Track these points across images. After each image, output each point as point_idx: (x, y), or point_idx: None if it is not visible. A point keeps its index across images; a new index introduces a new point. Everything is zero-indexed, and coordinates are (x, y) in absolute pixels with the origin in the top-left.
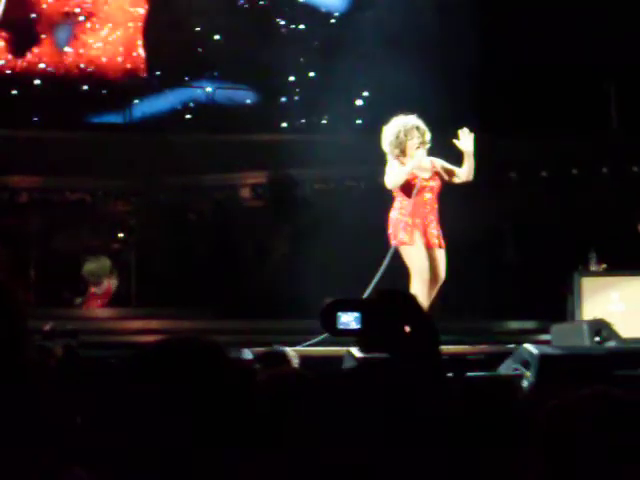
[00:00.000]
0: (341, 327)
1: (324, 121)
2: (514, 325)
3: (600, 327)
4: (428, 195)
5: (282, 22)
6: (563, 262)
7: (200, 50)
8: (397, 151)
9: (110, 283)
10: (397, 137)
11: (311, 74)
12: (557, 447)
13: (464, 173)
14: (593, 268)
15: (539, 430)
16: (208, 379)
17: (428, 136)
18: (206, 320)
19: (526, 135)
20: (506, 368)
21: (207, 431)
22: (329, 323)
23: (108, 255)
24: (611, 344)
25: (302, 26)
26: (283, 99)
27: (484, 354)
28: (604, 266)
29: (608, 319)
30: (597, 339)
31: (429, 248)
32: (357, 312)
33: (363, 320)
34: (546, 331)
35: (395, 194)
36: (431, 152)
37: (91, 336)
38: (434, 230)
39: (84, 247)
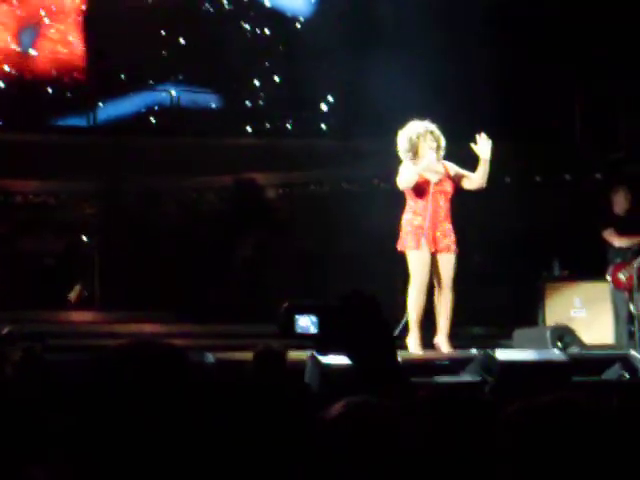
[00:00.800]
0: (299, 331)
1: (289, 125)
2: (477, 330)
3: (563, 333)
4: (441, 200)
5: (247, 26)
6: (527, 268)
7: (165, 53)
8: (410, 154)
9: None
10: (410, 140)
11: (276, 78)
12: (516, 453)
13: (477, 179)
14: (556, 274)
15: (499, 435)
16: (166, 382)
17: (443, 142)
18: (170, 324)
19: (492, 143)
20: (469, 373)
21: (165, 433)
22: (287, 327)
23: (71, 257)
24: (573, 350)
25: (267, 30)
26: (248, 103)
27: (448, 359)
28: (567, 272)
29: (571, 325)
30: (559, 345)
31: (437, 253)
32: (314, 316)
33: (321, 323)
34: (509, 336)
35: (407, 197)
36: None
37: (57, 339)
38: (447, 235)
39: (48, 251)
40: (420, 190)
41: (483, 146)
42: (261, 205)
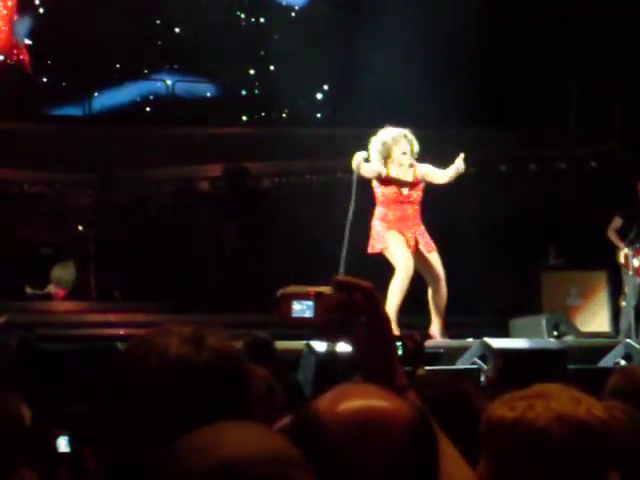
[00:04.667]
0: (295, 316)
1: (284, 114)
2: (473, 319)
3: (558, 321)
4: (409, 209)
5: (242, 15)
6: (522, 257)
7: (160, 43)
8: (381, 157)
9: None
10: (384, 143)
11: (271, 67)
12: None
13: (445, 179)
14: (552, 262)
15: (486, 428)
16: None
17: (416, 147)
18: (165, 313)
19: (484, 130)
20: (465, 362)
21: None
22: (283, 312)
23: (66, 247)
24: (569, 338)
25: (262, 19)
26: (243, 92)
27: (443, 348)
28: (562, 260)
29: (567, 313)
30: (555, 333)
31: (418, 255)
32: (311, 301)
33: (316, 309)
34: (505, 325)
35: (377, 203)
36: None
37: (50, 329)
38: (420, 238)
39: (44, 240)
40: (390, 199)
41: (459, 164)
42: (255, 195)
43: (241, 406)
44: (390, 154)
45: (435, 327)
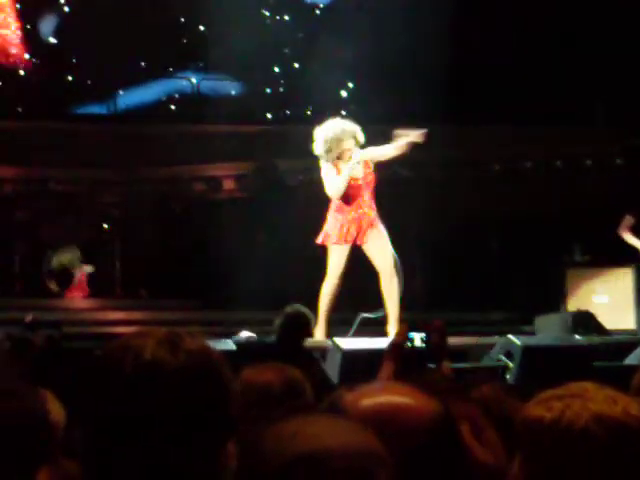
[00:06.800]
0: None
1: (309, 112)
2: (498, 316)
3: (584, 318)
4: (366, 194)
5: (267, 13)
6: (548, 253)
7: (185, 41)
8: (333, 156)
9: (82, 272)
10: (332, 141)
11: (296, 65)
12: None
13: (390, 153)
14: (578, 259)
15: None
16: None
17: (361, 137)
18: (191, 311)
19: (510, 127)
20: (490, 359)
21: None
22: None
23: (92, 245)
24: (595, 335)
25: (287, 18)
26: (268, 90)
27: (468, 345)
28: (588, 257)
29: (592, 310)
30: (581, 330)
31: (366, 243)
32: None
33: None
34: (530, 322)
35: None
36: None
37: (75, 327)
38: (374, 224)
39: (63, 238)
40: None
41: (415, 136)
42: (281, 193)
43: (220, 408)
44: (341, 154)
45: (391, 325)
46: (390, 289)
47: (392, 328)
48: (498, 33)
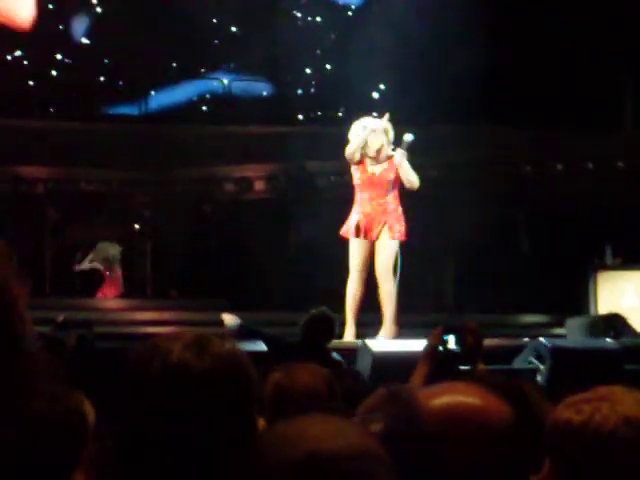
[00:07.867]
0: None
1: (340, 113)
2: (529, 318)
3: (615, 321)
4: (383, 191)
5: (299, 15)
6: (579, 256)
7: (217, 42)
8: (361, 151)
9: (120, 270)
10: (360, 136)
11: (327, 67)
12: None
13: (405, 182)
14: (608, 262)
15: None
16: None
17: (391, 133)
18: (219, 311)
19: (542, 129)
20: (521, 361)
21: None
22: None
23: (124, 245)
24: (626, 338)
25: (319, 19)
26: (299, 91)
27: (499, 347)
28: (619, 260)
29: (623, 313)
30: (612, 333)
31: (376, 240)
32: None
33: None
34: (561, 325)
35: (355, 190)
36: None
37: (105, 327)
38: (391, 224)
39: (98, 237)
40: (365, 181)
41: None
42: (312, 194)
43: (245, 411)
44: (367, 143)
45: (384, 329)
46: (381, 292)
47: (384, 331)
48: (529, 35)
